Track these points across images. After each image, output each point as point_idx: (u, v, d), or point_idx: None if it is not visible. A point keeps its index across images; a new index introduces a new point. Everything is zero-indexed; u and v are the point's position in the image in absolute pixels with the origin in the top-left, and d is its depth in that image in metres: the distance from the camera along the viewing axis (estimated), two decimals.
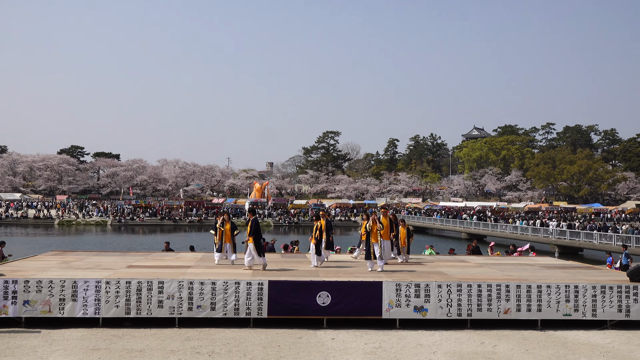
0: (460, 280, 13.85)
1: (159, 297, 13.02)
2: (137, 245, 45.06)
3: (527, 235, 48.00)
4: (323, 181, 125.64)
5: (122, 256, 18.90)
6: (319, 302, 13.25)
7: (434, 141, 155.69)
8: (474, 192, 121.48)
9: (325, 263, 17.64)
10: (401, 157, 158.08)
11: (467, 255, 22.47)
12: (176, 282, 13.13)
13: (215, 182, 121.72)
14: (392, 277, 14.32)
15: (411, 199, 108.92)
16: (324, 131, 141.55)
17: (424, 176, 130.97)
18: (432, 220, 68.79)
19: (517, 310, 13.58)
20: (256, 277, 13.80)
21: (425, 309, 13.42)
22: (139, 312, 12.95)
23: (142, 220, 73.59)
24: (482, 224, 57.31)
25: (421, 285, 13.48)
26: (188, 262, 16.84)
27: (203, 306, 13.10)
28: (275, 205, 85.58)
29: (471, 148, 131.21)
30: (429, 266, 17.40)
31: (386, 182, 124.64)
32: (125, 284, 13.01)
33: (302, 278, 14.05)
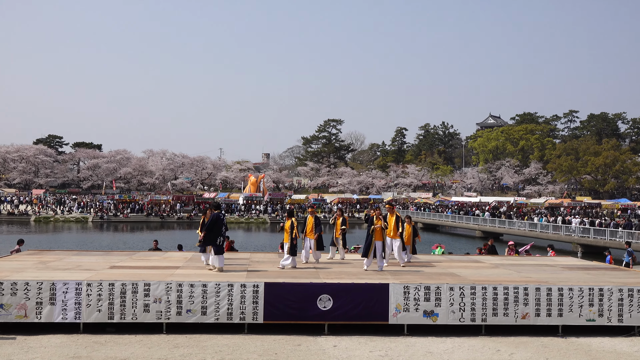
0: (474, 283, 13.86)
1: (144, 301, 13.04)
2: (121, 244, 45.13)
3: (548, 234, 48.04)
4: (324, 174, 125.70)
5: (105, 256, 18.92)
6: (320, 306, 13.28)
7: (446, 130, 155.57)
8: (490, 186, 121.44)
9: (327, 264, 17.66)
10: (410, 147, 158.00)
11: (482, 255, 22.49)
12: (163, 285, 13.15)
13: (207, 175, 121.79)
14: (400, 279, 14.34)
15: (420, 194, 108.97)
16: (325, 119, 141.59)
17: (434, 169, 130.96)
18: (443, 217, 68.82)
19: (536, 315, 13.60)
20: (251, 279, 13.82)
21: (436, 314, 13.44)
22: (123, 317, 12.98)
23: (127, 217, 73.65)
24: (498, 221, 57.35)
25: (431, 287, 13.50)
26: (176, 263, 16.86)
27: (193, 310, 13.12)
28: (272, 200, 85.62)
29: (486, 138, 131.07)
30: (439, 267, 17.41)
31: (393, 175, 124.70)
32: (108, 286, 13.03)
33: (302, 280, 14.06)
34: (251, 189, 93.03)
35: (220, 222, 15.49)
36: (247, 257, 18.95)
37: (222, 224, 15.49)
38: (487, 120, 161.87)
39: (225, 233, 15.58)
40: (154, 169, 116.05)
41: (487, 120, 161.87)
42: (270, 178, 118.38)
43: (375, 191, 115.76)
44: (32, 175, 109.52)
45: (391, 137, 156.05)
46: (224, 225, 15.57)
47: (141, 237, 53.01)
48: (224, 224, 15.54)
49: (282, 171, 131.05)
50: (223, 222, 15.53)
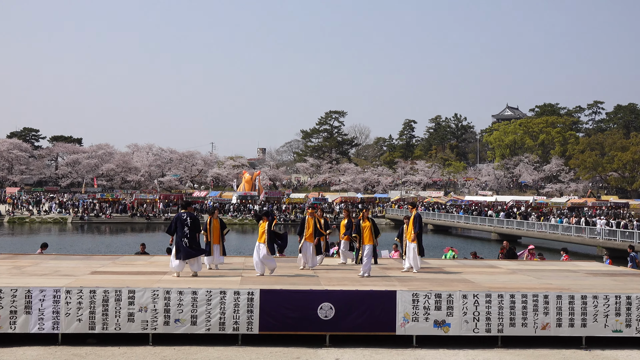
0: (490, 290, 13.86)
1: (129, 309, 13.04)
2: (103, 248, 45.14)
3: (570, 236, 48.01)
4: (325, 171, 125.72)
5: (86, 260, 18.92)
6: (321, 315, 13.28)
7: (459, 123, 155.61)
8: (507, 184, 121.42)
9: (329, 269, 17.67)
10: (419, 142, 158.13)
11: (499, 260, 22.50)
12: (150, 292, 13.15)
13: (197, 172, 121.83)
14: (408, 286, 14.34)
15: (431, 192, 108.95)
16: (326, 111, 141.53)
17: (446, 165, 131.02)
18: (456, 218, 68.81)
19: (557, 326, 13.60)
20: (245, 286, 13.82)
21: (448, 324, 13.44)
22: (105, 327, 12.98)
23: (109, 217, 73.68)
24: (515, 223, 57.33)
25: (443, 295, 13.50)
26: (164, 268, 16.86)
27: (182, 320, 13.13)
28: (268, 200, 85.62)
29: (503, 131, 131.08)
30: (451, 272, 17.41)
31: (401, 172, 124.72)
32: (89, 293, 13.03)
33: (301, 286, 14.05)
34: (246, 187, 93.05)
35: (181, 222, 15.47)
36: (241, 262, 18.97)
37: (184, 225, 15.46)
38: (503, 112, 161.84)
39: (187, 234, 15.41)
40: (139, 165, 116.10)
41: (503, 112, 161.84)
42: (266, 175, 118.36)
43: (381, 189, 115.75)
44: (5, 172, 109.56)
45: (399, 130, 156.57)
46: (187, 225, 15.46)
47: (125, 240, 53.02)
48: (186, 225, 15.47)
49: (280, 168, 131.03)
50: (185, 222, 15.48)
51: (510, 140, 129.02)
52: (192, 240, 15.48)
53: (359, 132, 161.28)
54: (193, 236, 15.51)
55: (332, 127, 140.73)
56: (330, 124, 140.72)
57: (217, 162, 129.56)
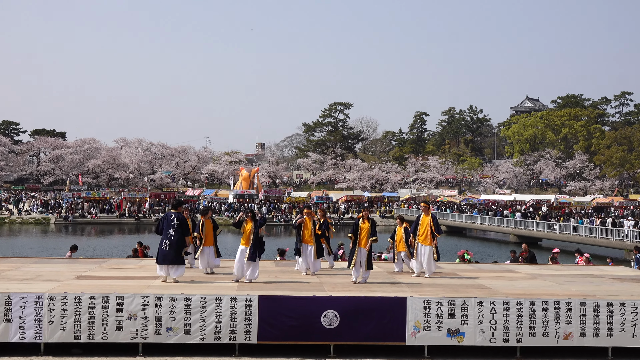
0: (508, 296, 13.86)
1: (117, 317, 13.07)
2: (89, 250, 45.20)
3: (595, 239, 47.97)
4: (329, 167, 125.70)
5: (70, 264, 18.95)
6: (325, 324, 13.29)
7: (474, 116, 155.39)
8: (526, 182, 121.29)
9: (333, 274, 17.68)
10: (431, 136, 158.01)
11: (518, 264, 22.48)
12: (139, 298, 13.18)
13: (190, 169, 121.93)
14: (419, 292, 14.34)
15: (444, 191, 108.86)
16: (330, 102, 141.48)
17: (460, 161, 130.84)
18: (471, 218, 68.79)
19: (581, 335, 13.59)
20: (243, 292, 13.83)
21: (462, 333, 13.45)
22: (91, 337, 13.01)
23: (96, 218, 73.82)
24: (535, 224, 57.30)
25: (457, 302, 13.51)
26: (155, 272, 16.88)
27: (174, 329, 13.15)
28: (267, 199, 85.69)
29: (522, 125, 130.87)
30: (466, 277, 17.42)
31: (412, 168, 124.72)
32: (74, 299, 13.05)
33: (303, 292, 14.07)
34: (243, 185, 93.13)
35: (168, 223, 15.52)
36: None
37: (170, 226, 15.49)
38: (523, 104, 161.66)
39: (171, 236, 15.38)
40: (127, 162, 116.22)
41: (523, 104, 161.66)
42: (265, 172, 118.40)
43: (390, 187, 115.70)
44: None
45: (409, 123, 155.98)
46: (172, 227, 15.47)
47: (113, 242, 53.11)
48: (172, 226, 15.48)
49: (280, 164, 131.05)
50: (171, 223, 15.50)
51: (530, 134, 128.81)
52: (174, 244, 15.42)
53: (365, 125, 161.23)
54: (177, 240, 15.45)
55: (336, 120, 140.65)
56: (334, 117, 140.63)
57: (212, 157, 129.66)
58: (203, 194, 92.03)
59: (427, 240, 17.26)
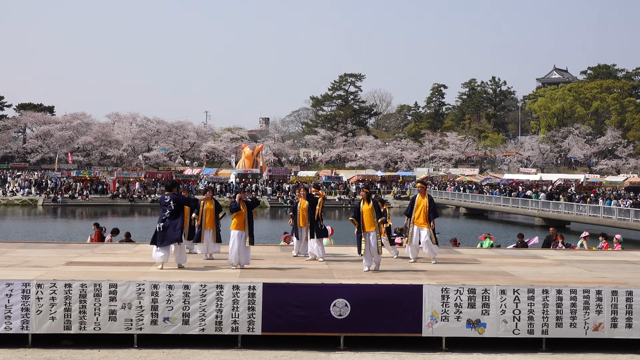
0: (532, 284, 13.86)
1: (110, 306, 13.12)
2: (80, 235, 45.28)
3: (628, 222, 47.83)
4: (339, 144, 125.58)
5: (59, 249, 19.02)
6: (334, 314, 13.32)
7: (497, 88, 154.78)
8: (554, 160, 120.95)
9: (343, 260, 17.68)
10: (450, 110, 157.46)
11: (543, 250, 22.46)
12: (134, 286, 13.22)
13: (188, 146, 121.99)
14: (437, 279, 14.35)
15: (464, 170, 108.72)
16: (341, 74, 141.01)
17: (482, 137, 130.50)
18: (493, 200, 68.60)
19: (612, 327, 13.58)
20: (246, 279, 13.86)
21: (483, 324, 13.46)
22: (83, 327, 13.07)
23: (87, 199, 74.02)
24: (563, 206, 57.14)
25: (477, 290, 13.51)
26: (151, 258, 16.92)
27: (172, 319, 13.19)
28: (272, 178, 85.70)
29: (550, 98, 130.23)
30: (487, 264, 17.42)
31: (429, 145, 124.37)
32: (63, 287, 13.10)
33: (311, 280, 14.10)
34: (246, 163, 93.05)
35: (163, 205, 15.60)
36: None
37: (166, 208, 15.53)
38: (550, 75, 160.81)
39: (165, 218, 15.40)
40: (120, 138, 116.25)
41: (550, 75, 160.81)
42: (270, 150, 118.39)
43: (405, 166, 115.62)
44: None
45: (426, 96, 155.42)
46: (169, 208, 15.50)
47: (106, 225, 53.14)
48: (168, 207, 15.51)
49: (286, 141, 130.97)
50: (167, 205, 15.53)
51: (557, 108, 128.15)
52: (170, 225, 15.43)
53: (379, 98, 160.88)
54: (173, 221, 15.47)
55: (347, 92, 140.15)
56: (345, 89, 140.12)
57: (213, 134, 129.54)
58: (202, 173, 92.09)
59: (424, 223, 17.06)
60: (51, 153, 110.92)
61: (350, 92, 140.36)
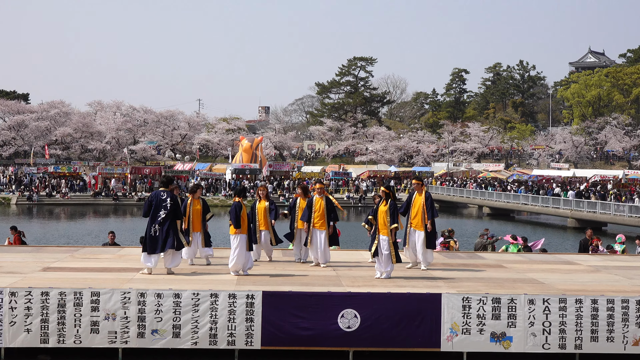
0: (565, 293, 13.86)
1: (92, 317, 13.15)
2: (58, 237, 45.39)
3: None
4: (348, 136, 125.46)
5: (35, 253, 19.04)
6: (342, 326, 13.33)
7: (525, 73, 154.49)
8: (589, 153, 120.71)
9: (352, 266, 17.68)
10: (472, 98, 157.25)
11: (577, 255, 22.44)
12: (119, 294, 13.24)
13: (179, 138, 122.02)
14: (457, 287, 14.35)
15: (487, 165, 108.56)
16: (349, 57, 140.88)
17: (508, 129, 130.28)
18: (520, 198, 68.36)
19: None
20: (243, 287, 13.88)
21: (509, 337, 13.46)
22: (61, 340, 13.11)
23: (66, 198, 74.04)
24: (600, 205, 56.90)
25: (502, 299, 13.51)
26: (137, 263, 16.96)
27: (161, 331, 13.22)
28: (273, 174, 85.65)
29: (584, 84, 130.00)
30: (514, 270, 17.42)
31: (448, 137, 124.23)
32: (40, 296, 13.13)
33: (316, 288, 14.11)
34: (244, 157, 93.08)
35: (158, 204, 15.51)
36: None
37: (161, 207, 15.49)
38: (585, 59, 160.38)
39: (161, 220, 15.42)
40: (103, 129, 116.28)
41: (585, 59, 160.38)
42: (270, 142, 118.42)
43: (421, 161, 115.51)
44: None
45: (445, 83, 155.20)
46: (165, 208, 15.48)
47: (87, 227, 53.33)
48: (164, 207, 15.48)
49: (288, 132, 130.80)
50: (164, 204, 15.49)
51: (593, 95, 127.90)
52: (167, 229, 15.44)
53: (392, 85, 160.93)
54: (169, 224, 15.50)
55: (357, 78, 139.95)
56: (354, 75, 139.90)
57: (206, 124, 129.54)
58: (195, 168, 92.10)
59: (419, 224, 16.84)
60: (26, 146, 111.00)
61: (360, 77, 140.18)
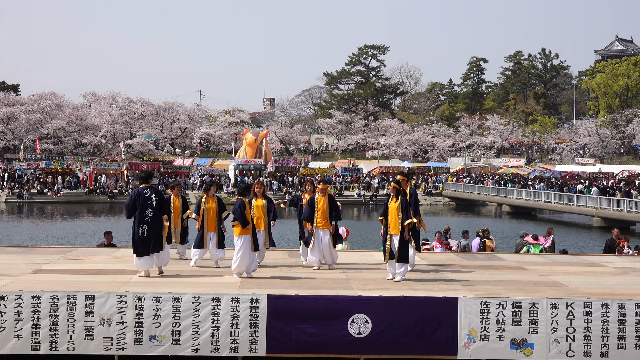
0: (590, 297, 13.83)
1: (86, 322, 13.15)
2: (50, 237, 45.46)
3: None
4: (359, 130, 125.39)
5: (26, 254, 19.06)
6: (353, 332, 13.32)
7: (548, 62, 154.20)
8: (615, 148, 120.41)
9: (362, 269, 17.66)
10: (491, 89, 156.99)
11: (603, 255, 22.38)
12: (115, 298, 13.24)
13: (179, 132, 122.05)
14: (475, 291, 14.32)
15: (507, 160, 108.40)
16: (360, 46, 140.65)
17: (529, 121, 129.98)
18: (543, 196, 68.11)
19: None
20: (247, 290, 13.87)
21: (530, 344, 13.43)
22: (54, 347, 13.11)
23: (58, 195, 74.12)
24: (628, 203, 56.76)
25: (523, 304, 13.48)
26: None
27: (160, 337, 13.22)
28: (278, 170, 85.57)
29: (611, 74, 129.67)
30: (535, 272, 17.38)
31: (465, 131, 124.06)
32: (31, 300, 13.13)
33: (324, 291, 14.10)
34: (247, 152, 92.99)
35: (144, 202, 15.47)
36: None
37: (147, 205, 15.46)
38: (612, 47, 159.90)
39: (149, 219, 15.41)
40: (98, 123, 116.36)
41: (612, 47, 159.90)
42: (276, 136, 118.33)
43: (437, 156, 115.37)
44: None
45: (462, 72, 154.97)
46: (150, 206, 15.47)
47: (80, 226, 53.38)
48: (149, 205, 15.46)
49: (295, 126, 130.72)
50: (148, 202, 15.47)
51: (620, 86, 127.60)
52: (156, 228, 15.49)
53: (405, 75, 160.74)
54: (156, 222, 15.53)
55: (368, 68, 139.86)
56: (365, 64, 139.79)
57: (208, 117, 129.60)
58: (196, 164, 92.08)
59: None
60: (15, 140, 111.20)
61: (372, 67, 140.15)
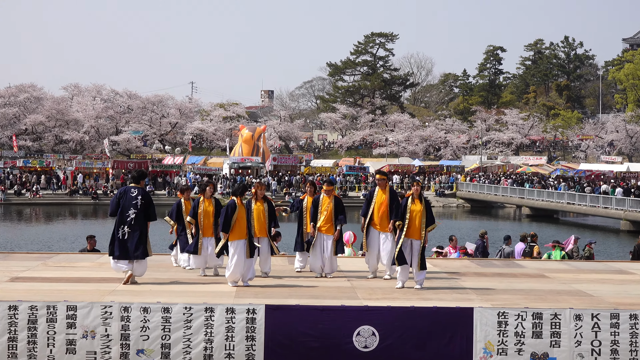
0: (617, 307, 13.82)
1: (68, 335, 13.15)
2: (28, 242, 45.47)
3: None
4: (365, 125, 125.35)
5: (2, 261, 19.04)
6: (358, 345, 13.32)
7: (571, 51, 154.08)
8: None
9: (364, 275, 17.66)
10: (509, 80, 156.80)
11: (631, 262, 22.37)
12: (99, 308, 13.24)
13: (169, 127, 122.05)
14: (491, 300, 14.32)
15: (527, 158, 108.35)
16: (367, 33, 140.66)
17: (551, 116, 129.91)
18: (566, 197, 67.95)
19: None
20: (243, 300, 13.88)
21: (552, 359, 13.44)
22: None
23: (37, 196, 74.14)
24: None
25: (544, 315, 13.48)
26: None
27: (148, 351, 13.22)
28: (277, 169, 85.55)
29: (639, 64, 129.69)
30: (558, 280, 17.37)
31: (481, 126, 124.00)
32: (7, 310, 13.14)
33: (327, 301, 14.10)
34: (244, 149, 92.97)
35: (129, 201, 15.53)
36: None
37: (131, 205, 15.52)
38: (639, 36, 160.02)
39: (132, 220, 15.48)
40: (81, 117, 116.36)
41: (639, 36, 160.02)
42: (275, 132, 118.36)
43: (450, 153, 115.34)
44: None
45: (478, 62, 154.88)
46: (135, 207, 15.53)
47: (62, 230, 53.39)
48: (133, 206, 15.53)
49: (295, 120, 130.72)
50: (134, 202, 15.53)
51: None
52: (137, 233, 15.51)
53: (416, 65, 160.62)
54: (139, 225, 15.54)
55: (375, 57, 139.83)
56: (372, 53, 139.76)
57: (200, 111, 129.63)
58: (187, 162, 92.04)
59: (384, 225, 16.63)
60: None
61: (379, 56, 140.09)
